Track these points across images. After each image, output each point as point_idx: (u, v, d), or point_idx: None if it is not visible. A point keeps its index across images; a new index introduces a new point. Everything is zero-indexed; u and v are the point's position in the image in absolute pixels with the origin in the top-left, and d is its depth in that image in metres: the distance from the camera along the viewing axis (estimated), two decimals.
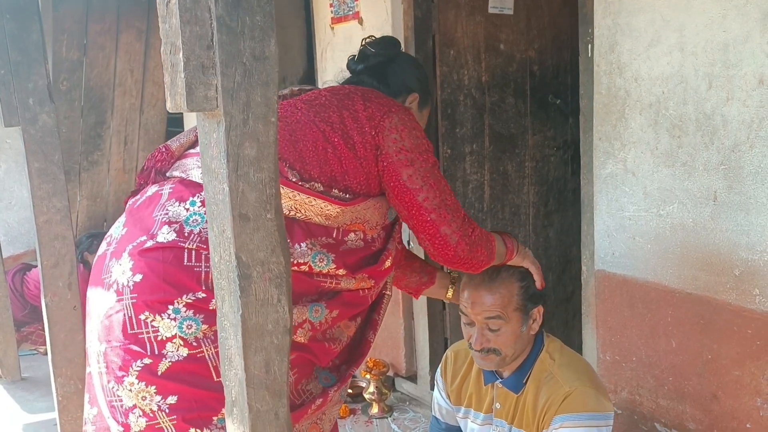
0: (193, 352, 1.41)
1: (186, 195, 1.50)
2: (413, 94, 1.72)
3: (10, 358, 3.80)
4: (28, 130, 2.47)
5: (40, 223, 2.53)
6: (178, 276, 1.42)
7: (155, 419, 1.42)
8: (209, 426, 1.42)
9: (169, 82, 1.11)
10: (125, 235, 1.53)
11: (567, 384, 1.73)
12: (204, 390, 1.42)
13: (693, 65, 1.99)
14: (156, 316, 1.42)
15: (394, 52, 1.78)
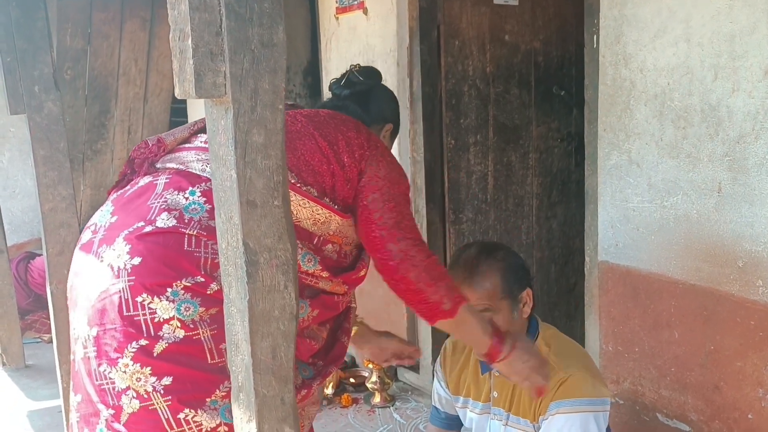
0: (189, 334, 1.43)
1: (185, 185, 1.52)
2: (389, 125, 1.85)
3: (15, 346, 3.82)
4: (33, 117, 2.47)
5: (45, 210, 2.54)
6: (178, 260, 1.44)
7: (149, 400, 1.43)
8: (203, 407, 1.44)
9: (178, 68, 1.11)
10: (116, 223, 1.54)
11: (562, 370, 1.74)
12: (199, 371, 1.43)
13: (699, 56, 1.99)
14: (154, 298, 1.43)
15: (376, 81, 1.89)
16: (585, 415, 1.70)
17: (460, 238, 3.34)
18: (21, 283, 4.28)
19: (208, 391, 1.44)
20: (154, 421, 1.43)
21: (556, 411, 1.71)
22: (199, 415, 1.43)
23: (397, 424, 3.07)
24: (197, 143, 1.61)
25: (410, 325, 3.46)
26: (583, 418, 1.69)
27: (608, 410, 1.76)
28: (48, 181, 2.53)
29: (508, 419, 1.85)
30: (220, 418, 1.44)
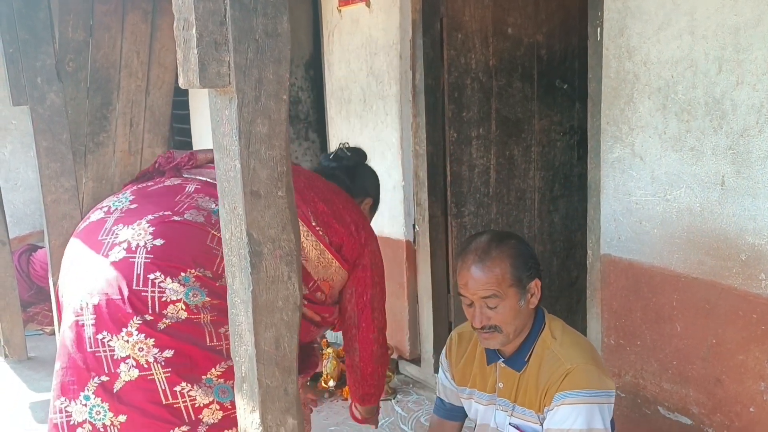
0: (191, 317, 1.52)
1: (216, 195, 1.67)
2: (369, 199, 2.09)
3: (17, 338, 3.83)
4: (36, 108, 2.47)
5: (48, 202, 2.55)
6: (198, 252, 1.55)
7: (149, 370, 1.51)
8: (198, 383, 1.52)
9: (182, 58, 1.11)
10: (136, 209, 1.64)
11: (568, 361, 1.74)
12: (198, 349, 1.52)
13: (703, 49, 1.98)
14: (167, 279, 1.52)
15: (362, 159, 2.15)
16: (590, 407, 1.70)
17: (461, 231, 3.34)
18: (23, 275, 4.28)
19: (205, 369, 1.52)
20: (151, 390, 1.51)
21: (561, 402, 1.71)
22: (194, 390, 1.51)
23: (399, 416, 3.07)
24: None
25: (411, 318, 3.47)
26: (588, 409, 1.69)
27: (613, 402, 1.77)
28: (50, 172, 2.53)
29: (514, 410, 1.85)
30: (214, 396, 1.53)
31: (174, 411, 1.51)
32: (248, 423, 1.23)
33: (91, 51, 4.70)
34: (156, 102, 5.19)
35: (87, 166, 5.10)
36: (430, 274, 3.33)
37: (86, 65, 4.77)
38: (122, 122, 5.10)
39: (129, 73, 4.95)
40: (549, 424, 1.74)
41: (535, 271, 1.79)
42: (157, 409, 1.50)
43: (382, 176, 3.49)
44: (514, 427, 1.85)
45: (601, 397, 1.72)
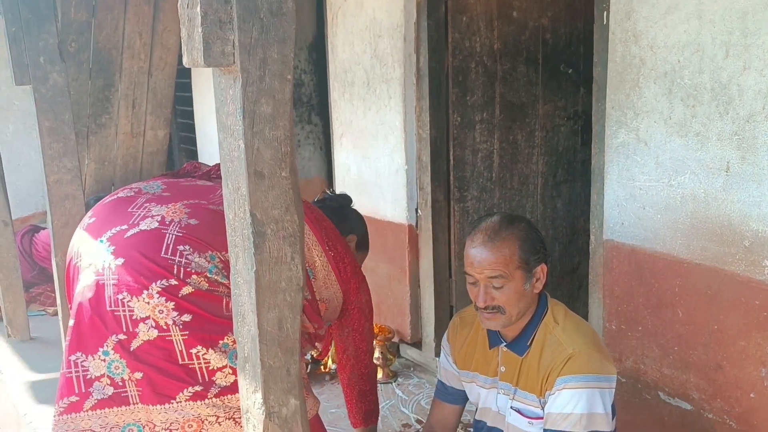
0: (212, 288, 1.60)
1: None
2: (352, 236, 2.17)
3: (20, 319, 3.84)
4: (38, 89, 2.46)
5: (50, 182, 2.54)
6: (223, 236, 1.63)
7: (168, 331, 1.58)
8: (215, 347, 1.58)
9: (186, 36, 1.11)
10: (169, 197, 1.76)
11: (570, 346, 1.74)
12: (216, 316, 1.59)
13: (710, 33, 1.97)
14: (195, 253, 1.62)
15: (347, 202, 2.29)
16: (591, 391, 1.70)
17: (464, 216, 3.33)
18: (26, 256, 4.29)
19: (221, 334, 1.59)
20: (168, 350, 1.58)
21: (563, 386, 1.72)
22: (209, 353, 1.58)
23: (399, 399, 3.09)
24: None
25: (413, 302, 3.47)
26: (589, 394, 1.70)
27: (614, 387, 1.77)
28: (53, 152, 2.52)
29: (515, 394, 1.85)
30: (227, 360, 1.59)
31: (189, 371, 1.58)
32: (251, 403, 1.24)
33: (93, 32, 4.69)
34: (158, 84, 5.17)
35: (89, 147, 5.10)
36: (432, 258, 3.33)
37: (89, 46, 4.76)
38: (124, 104, 5.09)
39: (131, 54, 4.93)
40: (550, 408, 1.74)
41: (543, 256, 1.79)
42: (173, 368, 1.58)
43: (385, 160, 3.49)
44: (516, 410, 1.86)
45: (602, 382, 1.73)
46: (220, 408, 1.59)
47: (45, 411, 2.98)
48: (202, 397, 1.58)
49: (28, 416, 3.01)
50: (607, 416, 1.73)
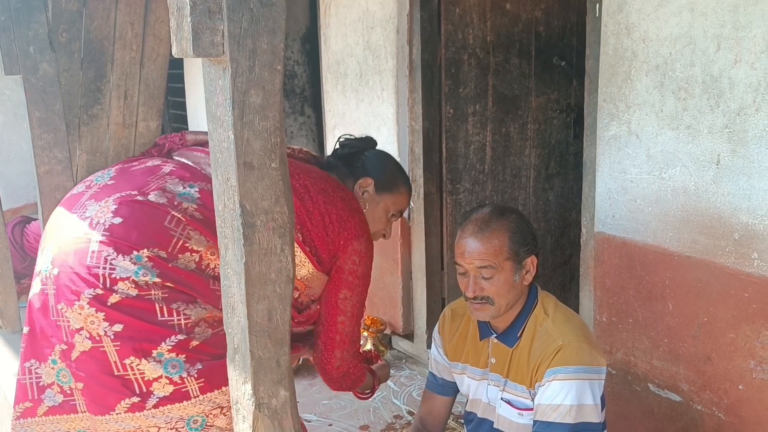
0: (142, 293, 1.53)
1: (188, 179, 1.68)
2: (367, 179, 1.96)
3: (10, 310, 3.83)
4: (28, 78, 2.44)
5: (41, 173, 2.52)
6: (154, 232, 1.57)
7: (101, 342, 1.53)
8: (148, 357, 1.53)
9: (175, 26, 1.10)
10: (111, 186, 1.68)
11: (560, 338, 1.75)
12: (148, 324, 1.53)
13: (702, 26, 1.97)
14: (119, 257, 1.54)
15: (366, 146, 2.06)
16: (581, 383, 1.71)
17: (456, 208, 3.33)
18: (17, 247, 4.28)
19: (154, 343, 1.53)
20: (103, 361, 1.54)
21: (552, 377, 1.72)
22: (143, 363, 1.53)
23: (391, 391, 3.09)
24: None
25: (405, 294, 3.48)
26: (578, 385, 1.71)
27: (603, 379, 1.78)
28: (43, 143, 2.51)
29: (506, 385, 1.86)
30: (163, 370, 1.53)
31: (125, 382, 1.54)
32: (240, 394, 1.24)
33: (84, 22, 4.64)
34: (151, 75, 5.13)
35: (81, 138, 5.06)
36: (424, 250, 3.34)
37: (80, 36, 4.71)
38: (116, 95, 5.04)
39: (123, 45, 4.89)
40: (540, 400, 1.75)
41: (533, 248, 1.80)
42: (109, 379, 1.54)
43: None
44: (506, 402, 1.86)
45: (592, 373, 1.73)
46: (161, 419, 1.56)
47: None
48: (141, 408, 1.54)
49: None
50: (596, 407, 1.74)
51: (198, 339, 1.55)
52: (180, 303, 1.54)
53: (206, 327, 1.57)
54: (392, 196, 2.00)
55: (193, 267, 1.57)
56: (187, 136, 1.88)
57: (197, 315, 1.55)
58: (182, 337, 1.53)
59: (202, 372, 1.55)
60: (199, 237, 1.59)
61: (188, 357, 1.54)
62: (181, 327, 1.54)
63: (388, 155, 2.09)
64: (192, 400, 1.55)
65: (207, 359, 1.55)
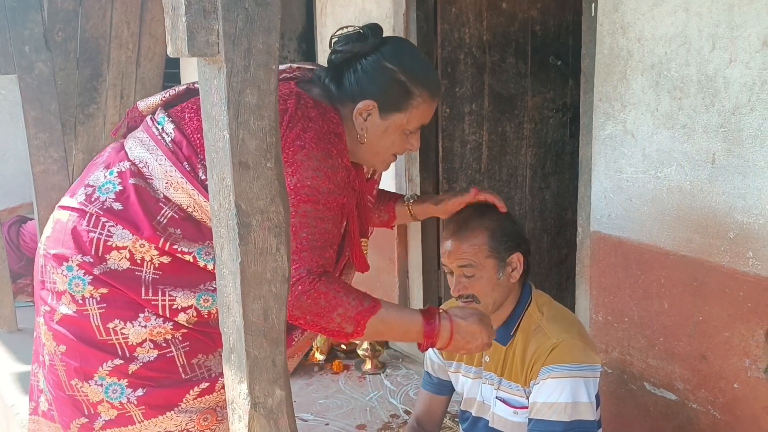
0: (80, 309, 1.48)
1: (112, 163, 1.55)
2: (366, 102, 1.52)
3: (7, 310, 3.82)
4: (24, 78, 2.44)
5: (36, 173, 2.53)
6: (76, 236, 1.49)
7: (53, 361, 1.52)
8: (89, 380, 1.49)
9: (170, 26, 1.10)
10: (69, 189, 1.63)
11: (554, 336, 1.76)
12: (87, 346, 1.48)
13: (697, 26, 1.97)
14: (55, 269, 1.50)
15: (365, 48, 1.54)
16: (575, 381, 1.72)
17: None
18: (13, 246, 4.27)
19: (94, 366, 1.48)
20: (58, 378, 1.53)
21: (547, 376, 1.73)
22: (85, 386, 1.49)
23: (388, 390, 3.10)
24: (148, 118, 1.58)
25: (401, 293, 3.48)
26: (573, 383, 1.71)
27: (598, 377, 1.79)
28: (39, 143, 2.51)
29: (500, 384, 1.87)
30: (104, 394, 1.49)
31: (75, 402, 1.52)
32: (236, 394, 1.24)
33: (80, 21, 4.64)
34: (147, 74, 5.13)
35: (77, 137, 5.05)
36: (420, 249, 3.34)
37: (76, 35, 4.71)
38: (112, 94, 5.04)
39: (119, 44, 4.89)
40: (535, 398, 1.76)
41: (517, 245, 1.80)
42: (64, 397, 1.52)
43: None
44: (501, 400, 1.87)
45: (586, 371, 1.74)
46: None
47: None
48: (90, 430, 1.52)
49: (15, 407, 3.00)
50: (591, 405, 1.74)
51: (139, 363, 1.48)
52: (118, 321, 1.47)
53: (151, 348, 1.48)
54: (405, 114, 1.56)
55: (126, 266, 1.47)
56: (140, 107, 1.63)
57: (136, 334, 1.47)
58: (120, 362, 1.47)
59: (143, 399, 1.49)
60: (121, 231, 1.46)
61: (130, 382, 1.49)
62: (122, 348, 1.48)
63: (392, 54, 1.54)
64: (137, 425, 1.51)
65: (150, 385, 1.49)
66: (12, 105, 5.21)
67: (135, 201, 1.47)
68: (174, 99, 1.61)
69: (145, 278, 1.46)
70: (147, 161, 1.50)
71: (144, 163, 1.50)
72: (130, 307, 1.47)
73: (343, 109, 1.55)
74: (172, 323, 1.49)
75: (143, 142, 1.52)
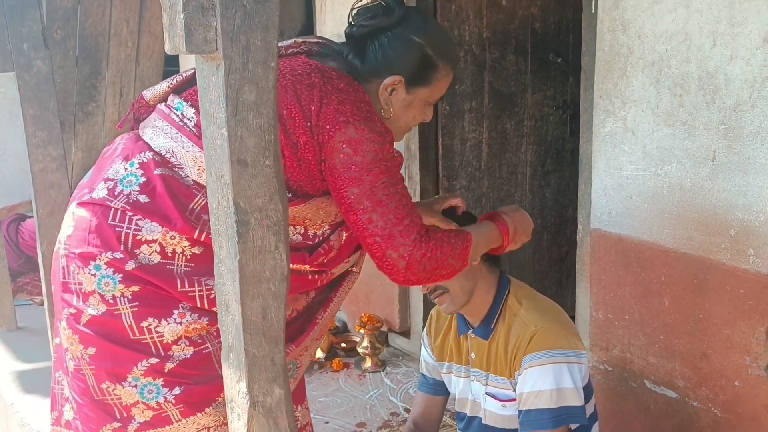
0: (110, 309, 1.43)
1: (131, 154, 1.49)
2: (394, 77, 1.50)
3: (6, 308, 3.82)
4: (22, 76, 2.43)
5: (35, 171, 2.52)
6: (102, 233, 1.44)
7: (80, 365, 1.47)
8: (122, 382, 1.44)
9: (168, 23, 1.09)
10: (83, 184, 1.56)
11: (533, 323, 1.76)
12: (119, 347, 1.43)
13: (698, 22, 1.97)
14: (81, 269, 1.44)
15: (387, 21, 1.51)
16: (557, 366, 1.71)
17: None
18: (12, 245, 4.27)
19: (127, 368, 1.43)
20: (85, 384, 1.47)
21: (528, 365, 1.73)
22: (118, 389, 1.44)
23: (388, 388, 3.09)
24: (161, 106, 1.53)
25: (401, 291, 3.47)
26: (555, 369, 1.71)
27: (584, 364, 1.77)
28: (38, 141, 2.50)
29: (488, 379, 1.87)
30: (139, 396, 1.44)
31: (105, 406, 1.47)
32: (235, 392, 1.23)
33: (79, 18, 4.63)
34: (146, 72, 5.12)
35: (76, 136, 5.05)
36: None
37: (75, 33, 4.70)
38: (112, 92, 5.04)
39: (118, 41, 4.88)
40: (521, 389, 1.75)
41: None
42: (91, 404, 1.47)
43: None
44: (491, 396, 1.87)
45: (569, 356, 1.73)
46: None
47: (32, 400, 2.97)
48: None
49: (15, 405, 3.00)
50: (576, 391, 1.72)
51: (175, 361, 1.43)
52: (152, 319, 1.42)
53: (187, 345, 1.44)
54: (430, 87, 1.55)
55: (157, 260, 1.41)
56: (146, 96, 1.60)
57: (172, 332, 1.42)
58: (155, 361, 1.43)
59: (181, 397, 1.44)
60: (150, 225, 1.41)
61: (166, 381, 1.44)
62: (157, 347, 1.43)
63: (417, 27, 1.52)
64: (174, 425, 1.46)
65: (187, 383, 1.44)
66: (11, 103, 5.20)
67: (163, 192, 1.41)
68: (183, 84, 1.56)
69: (178, 271, 1.41)
70: (173, 150, 1.44)
71: (170, 153, 1.44)
72: (164, 304, 1.42)
73: (365, 84, 1.51)
74: (208, 318, 1.44)
75: (164, 131, 1.47)
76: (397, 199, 1.44)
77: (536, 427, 1.72)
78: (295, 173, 1.44)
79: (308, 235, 1.51)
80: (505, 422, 1.84)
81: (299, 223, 1.49)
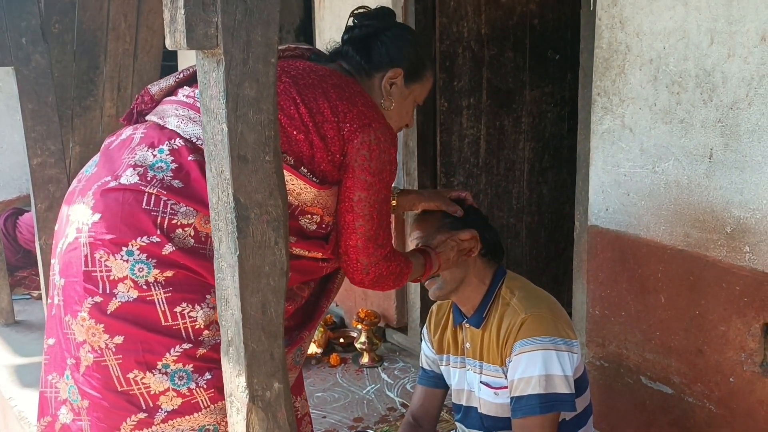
0: (142, 295, 1.41)
1: (157, 142, 1.50)
2: (395, 70, 1.65)
3: (4, 302, 3.82)
4: (21, 70, 2.43)
5: (33, 165, 2.52)
6: (136, 218, 1.43)
7: (102, 356, 1.44)
8: (152, 370, 1.43)
9: (169, 18, 1.10)
10: (94, 174, 1.54)
11: (523, 311, 1.78)
12: (151, 333, 1.42)
13: (696, 20, 1.97)
14: (110, 256, 1.42)
15: (385, 24, 1.70)
16: (546, 353, 1.72)
17: None
18: (10, 239, 4.27)
19: (159, 354, 1.42)
20: (106, 377, 1.44)
21: (519, 351, 1.74)
22: (147, 377, 1.43)
23: (385, 383, 3.10)
24: (180, 96, 1.56)
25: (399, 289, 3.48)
26: (544, 355, 1.72)
27: (576, 352, 1.78)
28: (36, 135, 2.50)
29: (482, 368, 1.88)
30: (169, 383, 1.43)
31: (130, 397, 1.44)
32: (234, 387, 1.24)
33: (77, 12, 4.62)
34: (144, 66, 5.11)
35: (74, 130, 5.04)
36: None
37: (72, 27, 4.68)
38: (110, 86, 5.03)
39: (116, 36, 4.86)
40: (512, 375, 1.77)
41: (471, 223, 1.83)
42: (113, 396, 1.45)
43: None
44: (485, 384, 1.88)
45: (558, 343, 1.74)
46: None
47: (30, 395, 2.97)
48: (149, 425, 1.45)
49: (12, 400, 3.01)
50: (566, 379, 1.73)
51: (206, 346, 1.43)
52: (185, 304, 1.41)
53: (217, 330, 1.40)
54: (421, 85, 1.73)
55: (191, 243, 1.42)
56: (152, 90, 1.63)
57: (205, 317, 1.42)
58: (188, 346, 1.42)
59: (212, 382, 1.43)
60: (186, 209, 1.42)
61: (196, 367, 1.43)
62: (188, 332, 1.42)
63: (410, 30, 1.74)
64: (203, 411, 1.45)
65: (215, 367, 1.41)
66: (9, 97, 5.20)
67: (199, 177, 1.41)
68: (189, 78, 1.59)
69: (209, 255, 1.40)
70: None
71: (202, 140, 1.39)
72: (197, 290, 1.42)
73: (368, 80, 1.66)
74: None
75: (192, 119, 1.48)
76: (385, 217, 1.60)
77: (526, 413, 1.73)
78: (323, 161, 1.50)
79: (322, 224, 1.56)
80: (499, 410, 1.86)
81: (318, 211, 1.54)
